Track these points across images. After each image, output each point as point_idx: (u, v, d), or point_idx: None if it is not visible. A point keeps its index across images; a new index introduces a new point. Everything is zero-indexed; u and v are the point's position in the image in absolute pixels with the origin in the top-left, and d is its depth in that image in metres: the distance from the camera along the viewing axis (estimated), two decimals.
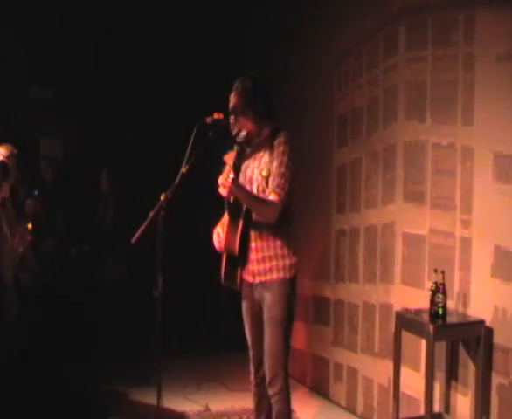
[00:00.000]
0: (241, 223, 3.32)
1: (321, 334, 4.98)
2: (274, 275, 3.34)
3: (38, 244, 5.23)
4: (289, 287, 3.35)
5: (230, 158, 3.21)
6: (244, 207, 3.32)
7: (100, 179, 6.57)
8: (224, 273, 3.46)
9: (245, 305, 3.50)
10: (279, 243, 3.34)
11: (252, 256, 3.37)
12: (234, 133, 3.37)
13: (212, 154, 3.18)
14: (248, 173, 3.44)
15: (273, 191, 3.27)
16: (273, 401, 3.36)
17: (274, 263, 3.34)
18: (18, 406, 3.99)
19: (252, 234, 3.35)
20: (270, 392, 3.36)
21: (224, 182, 3.16)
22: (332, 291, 4.85)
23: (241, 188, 3.26)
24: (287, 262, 3.35)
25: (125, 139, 6.67)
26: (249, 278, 3.42)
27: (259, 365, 3.47)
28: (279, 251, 3.34)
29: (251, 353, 3.52)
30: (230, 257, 3.42)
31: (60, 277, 5.76)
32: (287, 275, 3.35)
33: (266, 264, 3.34)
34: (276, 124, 3.39)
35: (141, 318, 4.83)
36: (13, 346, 4.22)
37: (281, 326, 3.32)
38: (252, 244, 3.36)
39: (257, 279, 3.38)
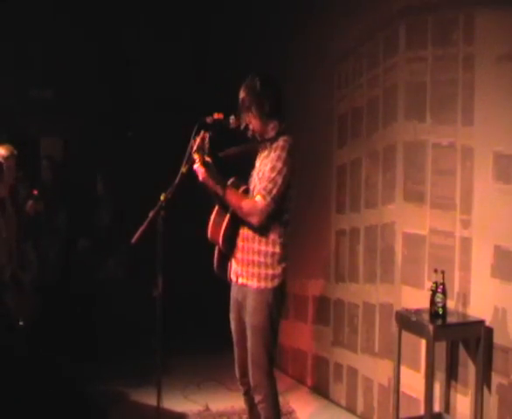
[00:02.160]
0: (228, 214, 3.30)
1: (321, 334, 4.97)
2: (255, 283, 3.28)
3: (39, 244, 5.23)
4: (271, 297, 3.27)
5: (195, 143, 3.19)
6: None
7: (96, 181, 6.59)
8: (217, 261, 3.44)
9: (231, 303, 3.48)
10: (265, 250, 3.27)
11: (238, 255, 3.34)
12: (242, 128, 3.33)
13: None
14: (253, 172, 3.44)
15: (259, 193, 3.22)
16: (259, 407, 3.34)
17: (256, 270, 3.28)
18: (19, 406, 3.99)
19: (241, 233, 3.32)
20: (255, 399, 3.34)
21: (197, 167, 3.18)
22: (332, 291, 4.85)
23: (214, 178, 3.23)
24: (270, 272, 3.27)
25: (125, 139, 6.67)
26: (233, 277, 3.41)
27: (243, 370, 3.43)
28: (262, 259, 3.27)
29: (235, 352, 3.49)
30: None
31: (61, 277, 5.75)
32: (269, 285, 3.27)
33: (248, 267, 3.30)
34: (283, 126, 3.34)
35: (141, 318, 4.83)
36: (13, 347, 4.22)
37: (262, 335, 3.26)
38: (240, 243, 3.32)
39: (239, 281, 3.36)
